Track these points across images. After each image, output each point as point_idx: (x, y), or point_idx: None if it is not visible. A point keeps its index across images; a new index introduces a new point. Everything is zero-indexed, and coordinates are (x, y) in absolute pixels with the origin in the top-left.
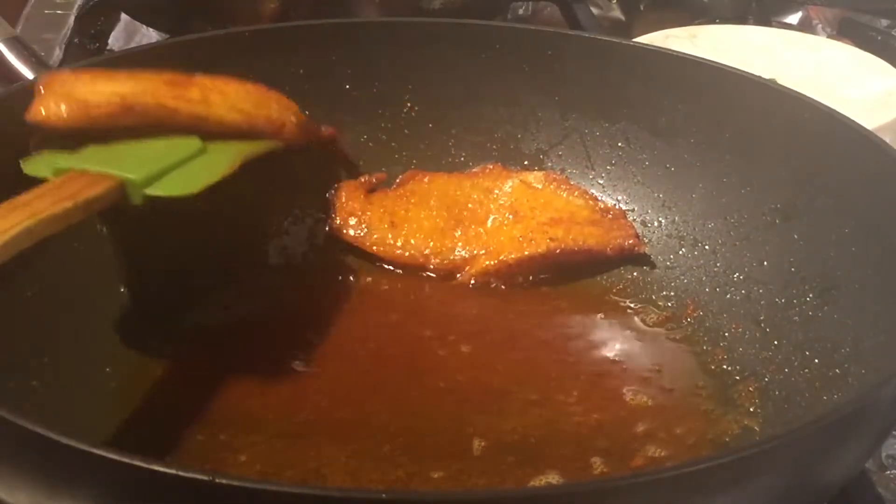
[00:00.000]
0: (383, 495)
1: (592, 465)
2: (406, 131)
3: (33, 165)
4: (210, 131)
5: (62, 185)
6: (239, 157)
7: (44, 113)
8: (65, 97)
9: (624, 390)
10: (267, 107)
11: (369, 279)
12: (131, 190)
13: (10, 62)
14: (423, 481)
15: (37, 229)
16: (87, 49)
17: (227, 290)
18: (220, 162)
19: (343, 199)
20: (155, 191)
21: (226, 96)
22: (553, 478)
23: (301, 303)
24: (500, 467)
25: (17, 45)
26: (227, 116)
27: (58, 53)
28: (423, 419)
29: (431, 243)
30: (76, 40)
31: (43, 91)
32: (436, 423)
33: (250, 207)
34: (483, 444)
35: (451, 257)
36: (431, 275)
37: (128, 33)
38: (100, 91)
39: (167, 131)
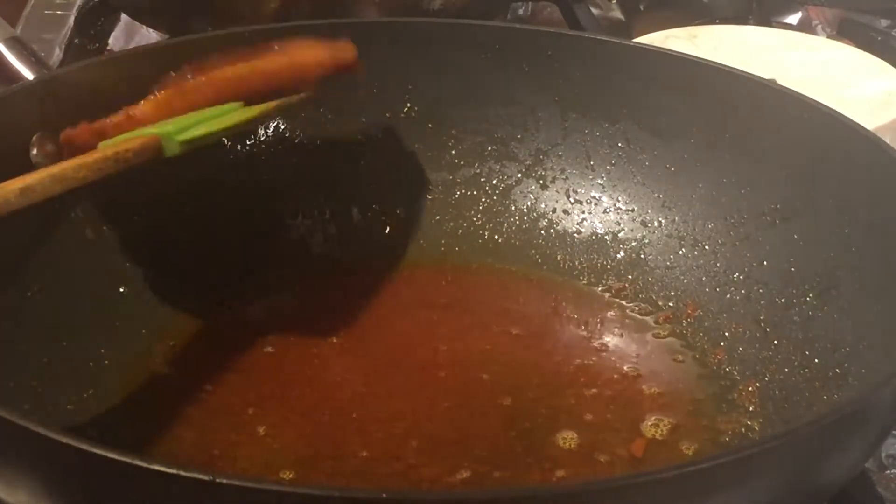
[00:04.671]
0: (383, 495)
1: (591, 463)
2: (406, 131)
3: None
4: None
5: (99, 148)
6: (273, 105)
7: None
8: None
9: (623, 390)
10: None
11: (401, 273)
12: (167, 143)
13: (10, 62)
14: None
15: (64, 174)
16: (87, 49)
17: (232, 288)
18: (254, 109)
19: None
20: (189, 134)
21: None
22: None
23: (325, 295)
24: (514, 462)
25: (17, 45)
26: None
27: (58, 53)
28: (443, 413)
29: None
30: (76, 40)
31: None
32: (451, 419)
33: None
34: (497, 438)
35: None
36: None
37: (128, 33)
38: None
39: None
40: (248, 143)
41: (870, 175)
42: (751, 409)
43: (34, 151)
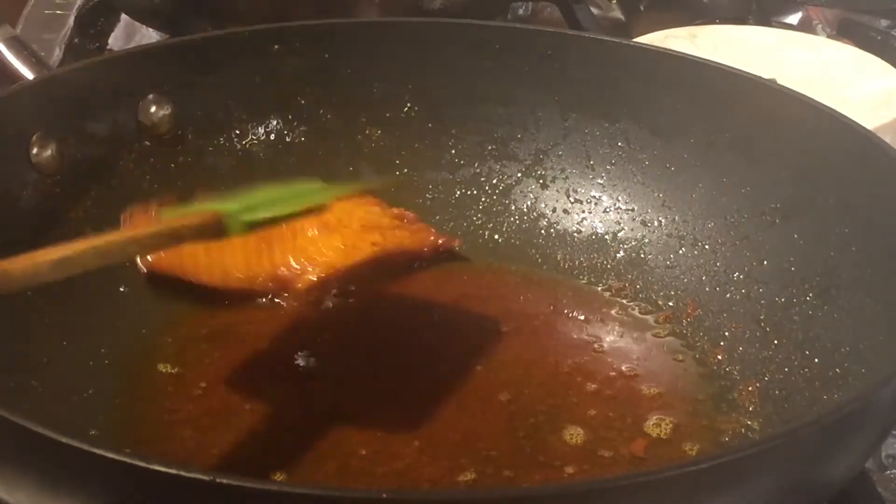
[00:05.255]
0: (384, 495)
1: (598, 460)
2: (406, 131)
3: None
4: None
5: (161, 218)
6: (348, 189)
7: None
8: None
9: (623, 390)
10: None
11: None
12: (231, 221)
13: (10, 62)
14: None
15: (109, 249)
16: (87, 49)
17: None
18: (325, 192)
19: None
20: (254, 216)
21: None
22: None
23: (324, 296)
24: (523, 459)
25: (17, 45)
26: None
27: (58, 53)
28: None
29: (253, 263)
30: (76, 40)
31: None
32: (447, 423)
33: None
34: (502, 435)
35: (278, 274)
36: (261, 300)
37: (128, 33)
38: None
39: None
40: (245, 142)
41: (870, 175)
42: (751, 409)
43: (34, 151)
